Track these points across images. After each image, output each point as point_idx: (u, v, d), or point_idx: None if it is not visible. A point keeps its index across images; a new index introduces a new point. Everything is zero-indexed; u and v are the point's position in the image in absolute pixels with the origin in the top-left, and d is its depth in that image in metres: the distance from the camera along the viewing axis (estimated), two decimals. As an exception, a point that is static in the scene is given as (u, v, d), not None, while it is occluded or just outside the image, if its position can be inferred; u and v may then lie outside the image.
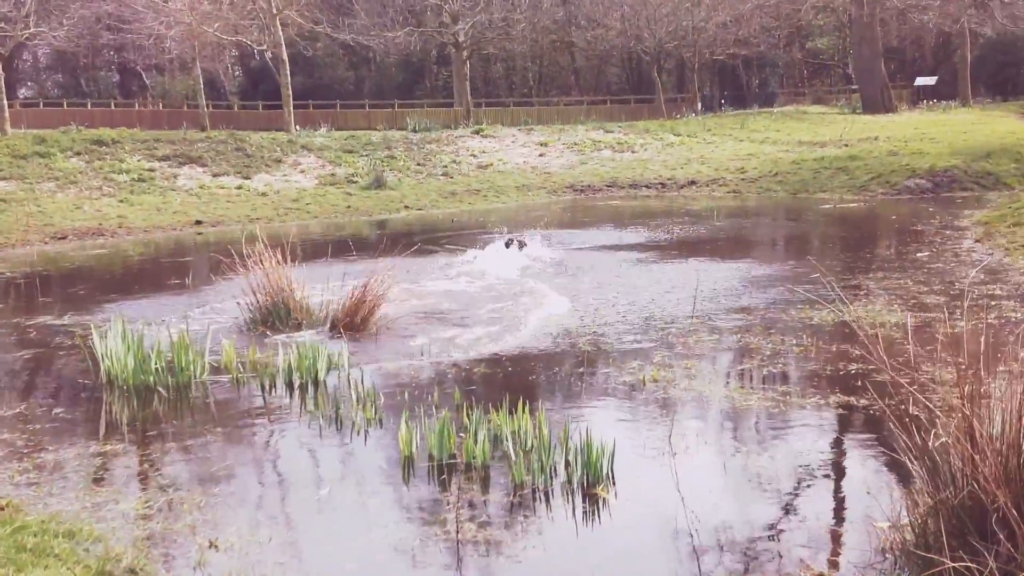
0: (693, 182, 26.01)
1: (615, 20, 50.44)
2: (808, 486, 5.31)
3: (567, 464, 5.47)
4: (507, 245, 14.27)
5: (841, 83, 58.66)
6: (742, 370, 7.54)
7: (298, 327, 9.14)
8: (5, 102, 37.99)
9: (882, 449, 5.53)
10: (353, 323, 9.18)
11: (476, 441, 5.69)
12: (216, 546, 4.67)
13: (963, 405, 3.98)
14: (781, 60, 61.64)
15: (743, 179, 25.53)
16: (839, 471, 5.56)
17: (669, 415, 6.46)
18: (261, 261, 9.38)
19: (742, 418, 6.42)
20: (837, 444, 5.97)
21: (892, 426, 4.53)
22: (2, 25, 36.47)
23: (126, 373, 7.47)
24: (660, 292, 10.92)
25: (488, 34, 48.92)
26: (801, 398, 6.72)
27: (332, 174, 26.65)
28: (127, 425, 6.86)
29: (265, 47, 42.40)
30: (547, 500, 5.16)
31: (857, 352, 7.71)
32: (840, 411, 6.44)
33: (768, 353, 7.93)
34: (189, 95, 51.94)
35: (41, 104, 57.52)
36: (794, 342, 8.25)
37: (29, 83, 68.45)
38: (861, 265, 12.53)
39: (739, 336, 8.56)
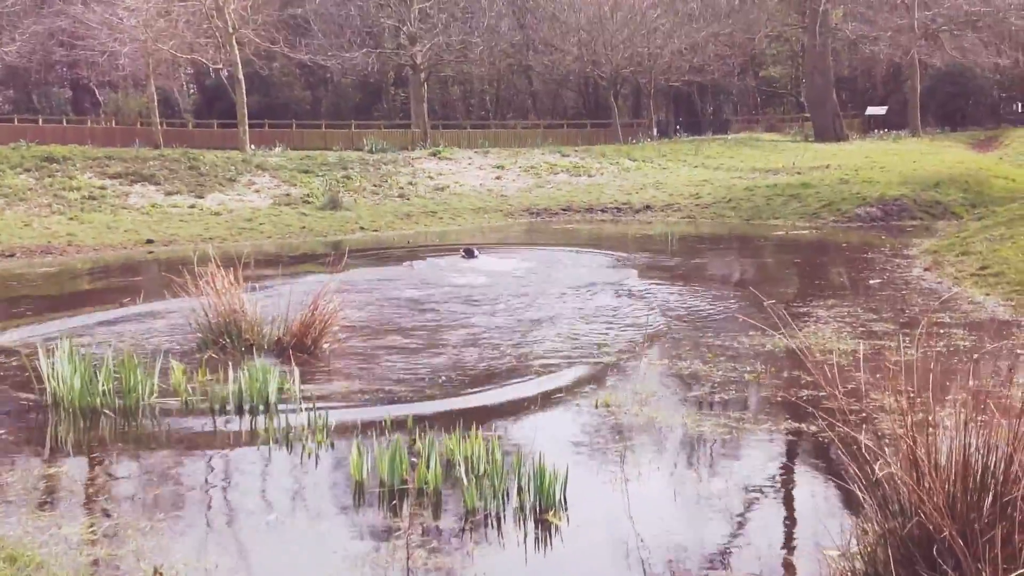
0: (648, 207, 26.20)
1: (572, 45, 50.80)
2: (759, 512, 5.34)
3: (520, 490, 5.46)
4: (466, 253, 16.05)
5: (794, 111, 59.53)
6: (693, 396, 7.57)
7: (250, 348, 9.04)
8: (-47, 117, 37.45)
9: (832, 477, 5.58)
10: (303, 344, 9.11)
11: (428, 466, 5.65)
12: (161, 573, 4.59)
13: (910, 434, 4.03)
14: (735, 88, 62.50)
15: (697, 205, 25.77)
16: (790, 498, 5.60)
17: (621, 441, 6.47)
18: (213, 281, 9.29)
19: (694, 444, 6.44)
20: (788, 471, 6.01)
21: (842, 454, 4.57)
22: (-48, 39, 35.99)
23: (72, 394, 7.34)
24: (606, 316, 10.96)
25: (446, 56, 49.11)
26: (753, 424, 6.76)
27: (287, 194, 26.51)
28: (72, 448, 6.73)
29: (221, 66, 42.19)
30: (499, 526, 5.14)
31: (808, 379, 7.78)
32: (791, 438, 6.49)
33: (719, 380, 7.97)
34: (143, 112, 51.42)
35: (-10, 119, 56.65)
36: (746, 368, 8.31)
37: (-22, 98, 67.41)
38: (812, 292, 12.68)
39: (689, 362, 8.61)
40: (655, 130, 50.52)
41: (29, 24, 40.79)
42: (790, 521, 5.30)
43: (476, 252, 16.39)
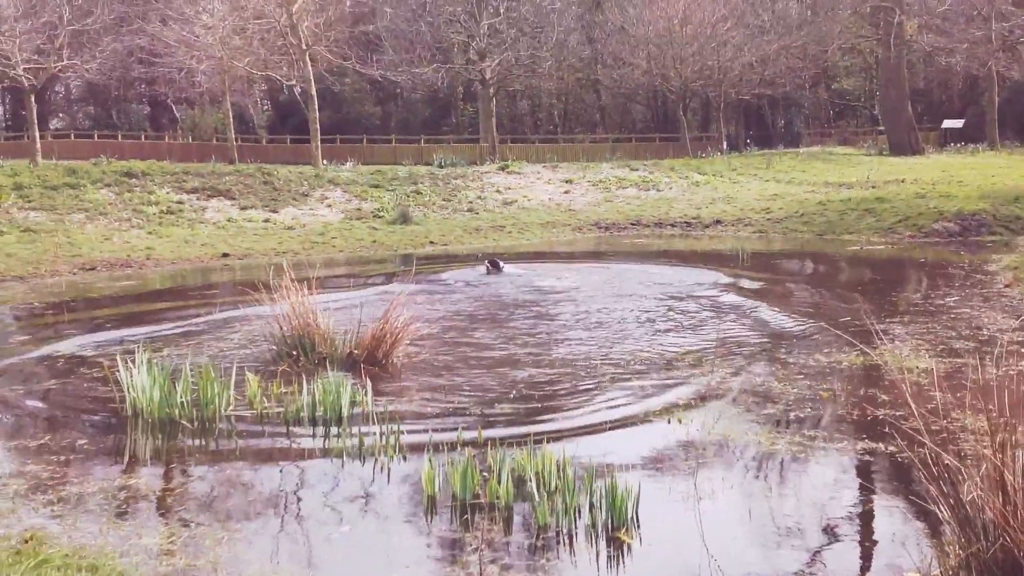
0: (719, 221, 25.97)
1: (641, 59, 50.67)
2: (835, 533, 5.25)
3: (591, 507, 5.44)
4: (494, 266, 16.21)
5: (867, 124, 58.60)
6: (767, 414, 7.47)
7: (323, 361, 9.15)
8: (37, 133, 38.59)
9: (910, 497, 5.46)
10: (375, 357, 9.20)
11: (500, 481, 5.66)
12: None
13: (994, 454, 3.93)
14: (807, 101, 61.74)
15: (769, 219, 25.48)
16: (866, 518, 5.49)
17: (693, 458, 6.40)
18: (287, 294, 9.44)
19: (767, 462, 6.35)
20: (864, 491, 5.89)
21: (922, 475, 4.47)
22: (36, 57, 37.09)
23: (151, 405, 7.50)
24: (678, 331, 10.88)
25: (514, 71, 49.33)
26: (828, 443, 6.65)
27: (358, 208, 26.81)
28: (151, 458, 6.88)
29: (294, 82, 42.88)
30: (570, 543, 5.13)
31: (884, 398, 7.64)
32: (867, 457, 6.37)
33: (793, 397, 7.86)
34: (218, 128, 52.54)
35: (72, 136, 58.38)
36: (821, 386, 8.18)
37: (60, 115, 69.53)
38: (888, 308, 12.43)
39: (763, 379, 8.50)
40: (725, 144, 50.10)
41: (109, 42, 41.86)
42: (867, 542, 5.20)
43: (502, 264, 16.41)
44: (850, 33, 48.73)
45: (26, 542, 5.11)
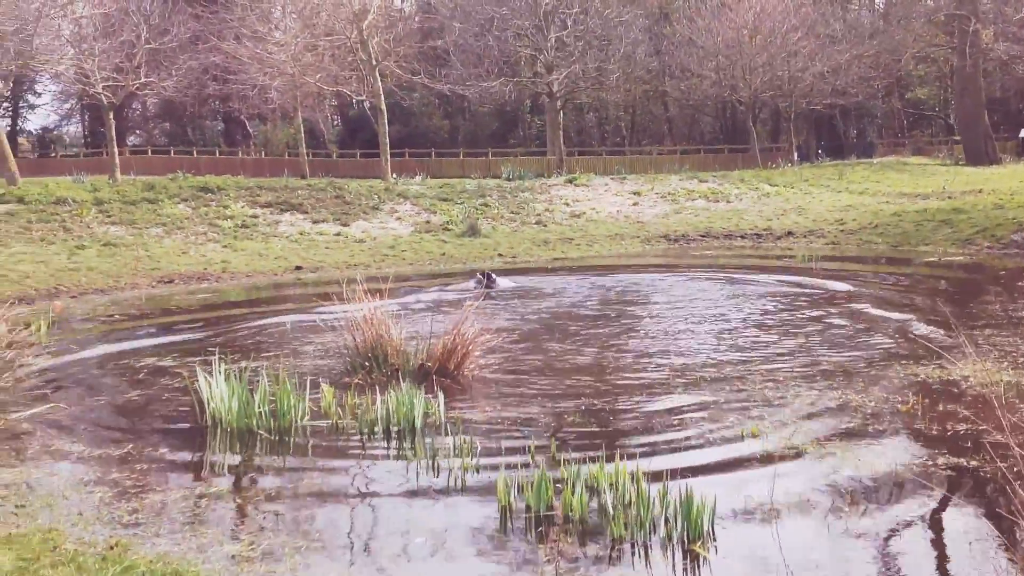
0: (790, 233, 25.67)
1: (710, 70, 50.38)
2: (913, 549, 5.15)
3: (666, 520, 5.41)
4: (484, 278, 16.64)
5: (942, 134, 57.49)
6: (843, 427, 7.36)
7: (395, 372, 9.23)
8: (116, 149, 39.62)
9: (992, 513, 5.34)
10: (446, 369, 9.27)
11: (574, 493, 5.66)
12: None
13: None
14: (880, 110, 60.82)
15: (842, 230, 25.11)
16: (946, 534, 5.38)
17: (769, 471, 6.33)
18: (361, 306, 9.56)
19: (845, 476, 6.25)
20: (944, 505, 5.77)
21: (1008, 489, 4.37)
22: (114, 75, 38.10)
23: (230, 415, 7.64)
24: (748, 342, 10.77)
25: (582, 84, 49.38)
26: (907, 457, 6.53)
27: (427, 221, 27.03)
28: (230, 467, 7.00)
29: (364, 97, 43.47)
30: (646, 555, 5.11)
31: (965, 412, 7.48)
32: (949, 472, 6.24)
33: (871, 410, 7.73)
34: (290, 143, 53.42)
35: (149, 151, 59.86)
36: (898, 399, 8.03)
37: (138, 131, 71.34)
38: (968, 321, 12.16)
39: (840, 391, 8.37)
40: (796, 154, 49.53)
41: (185, 60, 42.84)
42: (946, 558, 5.09)
43: (494, 277, 16.80)
44: (924, 42, 47.92)
45: (111, 548, 5.25)
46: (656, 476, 6.02)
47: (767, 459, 6.61)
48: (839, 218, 26.66)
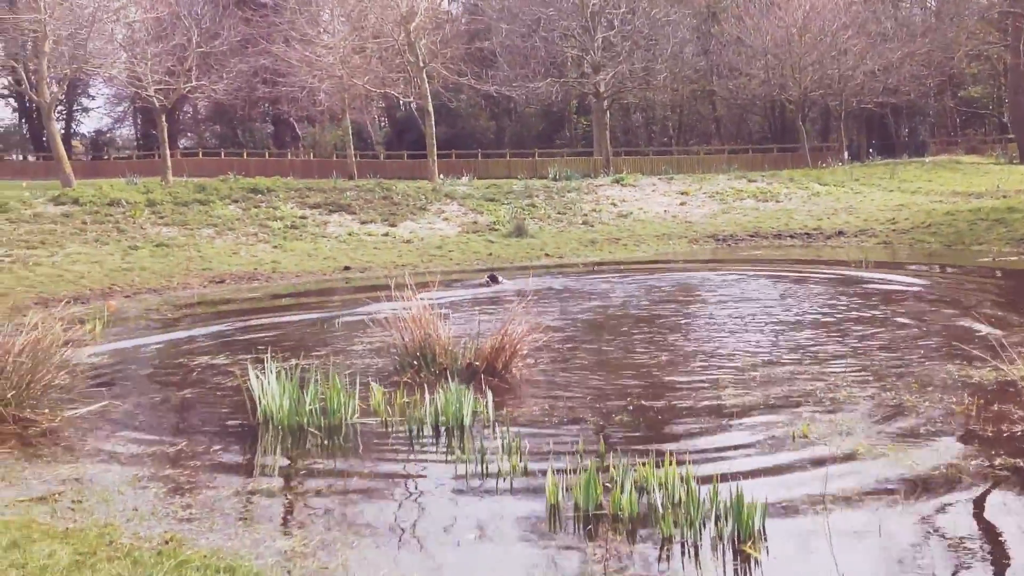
0: (841, 232, 25.39)
1: (758, 69, 49.96)
2: (969, 552, 5.07)
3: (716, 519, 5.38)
4: (489, 279, 17.40)
5: (996, 132, 56.49)
6: (897, 428, 7.26)
7: (443, 371, 9.27)
8: (168, 152, 40.23)
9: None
10: (494, 368, 9.28)
11: (623, 492, 5.64)
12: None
13: None
14: (932, 109, 59.92)
15: (894, 230, 24.78)
16: (1005, 537, 5.29)
17: (821, 472, 6.26)
18: (410, 306, 9.61)
19: (898, 478, 6.17)
20: (1001, 508, 5.68)
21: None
22: (166, 79, 38.68)
23: (281, 413, 7.72)
24: (800, 343, 10.66)
25: (628, 84, 49.21)
26: (961, 459, 6.43)
27: (474, 222, 27.11)
28: (281, 464, 7.07)
29: (411, 99, 43.66)
30: (696, 555, 5.08)
31: (1021, 413, 7.35)
32: (1003, 473, 6.13)
33: (925, 411, 7.63)
34: (338, 145, 53.83)
35: (200, 153, 60.65)
36: (952, 400, 7.91)
37: (189, 134, 72.33)
38: (1022, 321, 11.95)
39: (893, 393, 8.26)
40: (846, 153, 48.98)
41: (235, 63, 43.37)
42: (1005, 560, 5.01)
43: (500, 278, 17.52)
44: (977, 39, 47.14)
45: (166, 543, 5.33)
46: (706, 475, 5.99)
47: (818, 460, 6.54)
48: (891, 217, 26.32)
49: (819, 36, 46.25)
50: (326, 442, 7.47)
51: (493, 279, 17.40)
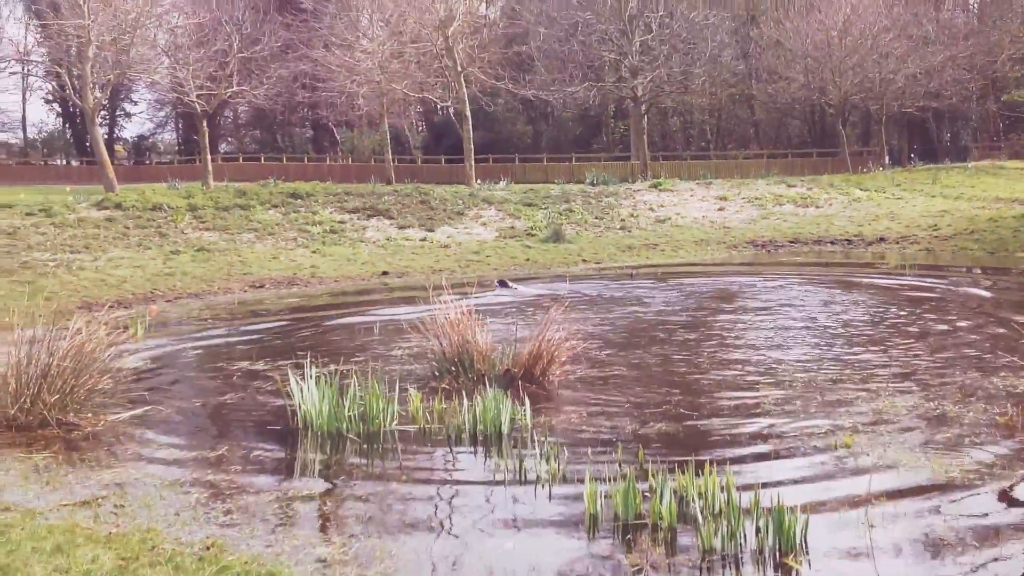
0: (882, 239, 25.13)
1: (798, 73, 49.58)
2: (1014, 567, 4.99)
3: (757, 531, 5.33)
4: (500, 285, 17.55)
5: (1041, 137, 55.64)
6: (940, 439, 7.16)
7: (481, 378, 9.27)
8: (208, 156, 40.63)
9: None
10: (532, 374, 9.27)
11: (662, 502, 5.61)
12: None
13: None
14: (974, 113, 59.13)
15: (936, 236, 24.49)
16: (1054, 553, 5.20)
17: (863, 484, 6.19)
18: (447, 312, 9.63)
19: (941, 490, 6.08)
20: (1050, 524, 5.58)
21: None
22: (208, 84, 39.09)
23: (321, 419, 7.76)
24: (842, 354, 10.56)
25: (666, 88, 49.01)
26: (1006, 470, 6.33)
27: (511, 227, 27.12)
28: (320, 470, 7.10)
29: (449, 103, 43.80)
30: (737, 567, 5.04)
31: (1070, 424, 7.24)
32: (1052, 488, 6.03)
33: (968, 421, 7.52)
34: (376, 150, 54.08)
35: (240, 158, 61.20)
36: (996, 411, 7.79)
37: (229, 138, 73.01)
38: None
39: (936, 403, 8.15)
40: (887, 158, 48.49)
41: (275, 69, 43.76)
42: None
43: (509, 283, 17.68)
44: (1020, 43, 46.49)
45: (208, 548, 5.37)
46: (746, 486, 5.94)
47: (861, 470, 6.47)
48: (933, 224, 26.02)
49: (860, 39, 45.81)
50: (365, 448, 7.50)
51: (503, 284, 17.46)
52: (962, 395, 8.37)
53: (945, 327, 12.15)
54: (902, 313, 13.40)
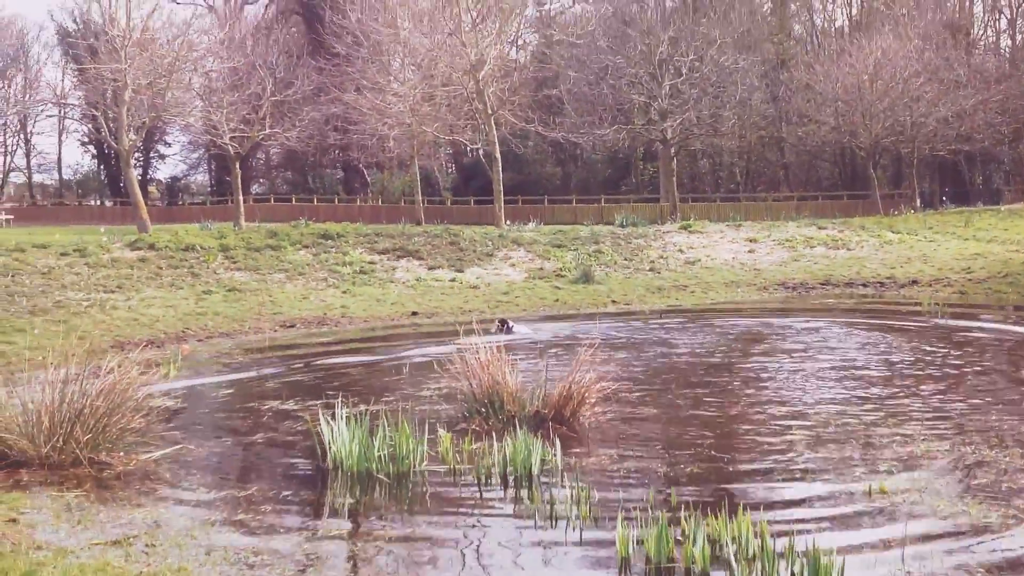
0: (915, 281, 24.93)
1: (828, 116, 49.51)
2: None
3: (792, 576, 5.26)
4: (501, 324, 17.13)
5: (1075, 180, 55.18)
6: (978, 484, 7.05)
7: (511, 418, 9.23)
8: (240, 198, 41.04)
9: None
10: (562, 416, 9.23)
11: (695, 545, 5.55)
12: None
13: None
14: (1007, 156, 58.70)
15: (969, 279, 24.26)
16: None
17: (900, 530, 6.09)
18: (477, 354, 9.62)
19: (978, 536, 5.98)
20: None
21: None
22: (241, 127, 39.59)
23: (351, 459, 7.76)
24: (880, 397, 10.44)
25: (696, 130, 49.05)
26: (1048, 519, 6.22)
27: (540, 268, 27.14)
28: (350, 510, 7.08)
29: (479, 145, 44.08)
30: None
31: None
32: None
33: (1005, 467, 7.40)
34: (406, 191, 54.37)
35: (272, 199, 61.75)
36: (1036, 456, 7.67)
37: (261, 180, 73.73)
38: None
39: (973, 447, 8.03)
40: (918, 201, 48.20)
41: (308, 112, 44.24)
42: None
43: (510, 324, 17.26)
44: (1054, 86, 46.26)
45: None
46: (780, 531, 5.86)
47: (897, 516, 6.37)
48: (966, 267, 25.79)
49: (890, 83, 45.73)
50: (394, 489, 7.48)
51: (504, 324, 17.22)
52: (999, 440, 8.25)
53: (978, 370, 12.00)
54: (934, 356, 13.25)
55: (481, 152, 51.89)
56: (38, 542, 6.18)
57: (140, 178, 61.21)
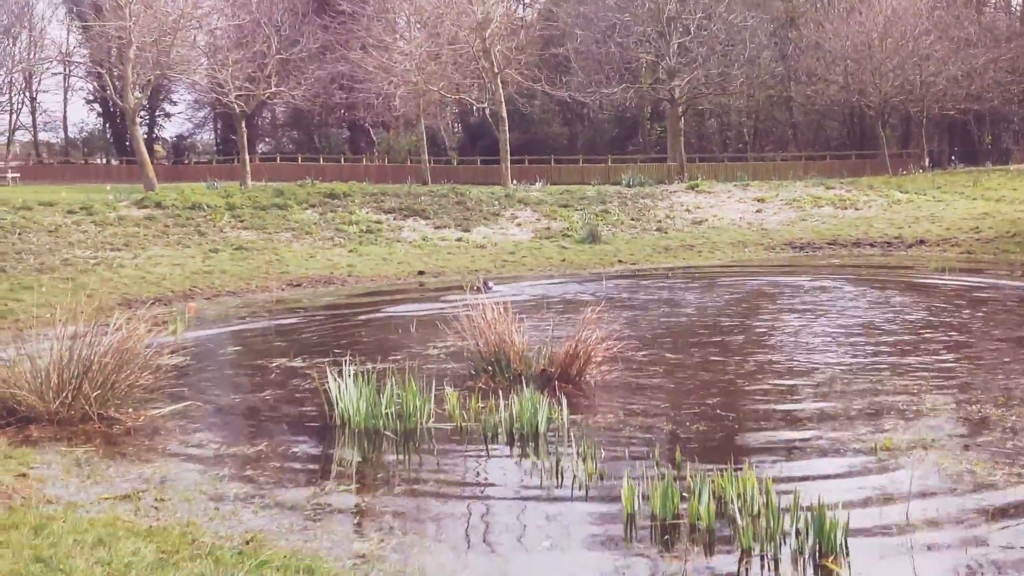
0: (922, 241, 24.85)
1: (837, 74, 49.07)
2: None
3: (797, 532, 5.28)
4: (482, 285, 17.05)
5: (1085, 139, 54.78)
6: (982, 442, 7.07)
7: (517, 377, 9.26)
8: (247, 156, 40.93)
9: None
10: (568, 375, 9.25)
11: (700, 502, 5.57)
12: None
13: None
14: (1016, 115, 58.25)
15: (977, 239, 24.18)
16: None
17: (904, 488, 6.11)
18: (483, 312, 9.64)
19: (984, 494, 6.00)
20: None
21: None
22: (247, 85, 39.38)
23: (358, 416, 7.79)
24: (885, 355, 10.45)
25: (704, 89, 48.68)
26: (1053, 476, 6.24)
27: (547, 228, 27.09)
28: (358, 466, 7.13)
29: (485, 104, 43.83)
30: (776, 568, 5.00)
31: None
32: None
33: (1011, 425, 7.42)
34: (412, 151, 54.23)
35: (278, 159, 61.58)
36: (1042, 415, 7.68)
37: (267, 139, 73.43)
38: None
39: (979, 406, 8.04)
40: (927, 160, 47.90)
41: (313, 70, 43.96)
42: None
43: (491, 284, 17.61)
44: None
45: (248, 543, 5.40)
46: (785, 488, 5.89)
47: (901, 473, 6.39)
48: (974, 226, 25.69)
49: (900, 41, 45.27)
50: (402, 445, 7.52)
51: (485, 284, 17.31)
52: (1004, 398, 8.26)
53: (985, 328, 11.99)
54: (942, 315, 13.23)
55: (487, 111, 51.66)
56: (48, 496, 6.23)
57: (146, 136, 61.07)
